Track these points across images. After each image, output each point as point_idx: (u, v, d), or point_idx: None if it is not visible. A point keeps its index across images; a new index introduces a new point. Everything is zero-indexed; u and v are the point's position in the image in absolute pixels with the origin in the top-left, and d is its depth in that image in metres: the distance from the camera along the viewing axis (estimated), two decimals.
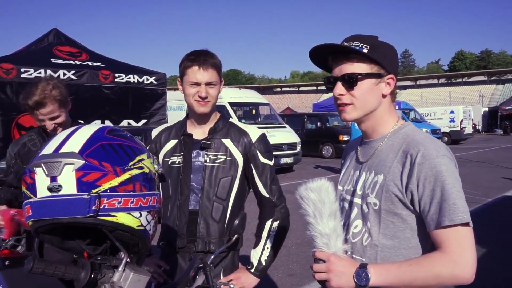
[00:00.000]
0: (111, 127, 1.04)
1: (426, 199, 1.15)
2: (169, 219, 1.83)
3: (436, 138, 1.29)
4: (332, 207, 1.19)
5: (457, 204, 1.11)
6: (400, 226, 1.22)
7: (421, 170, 1.16)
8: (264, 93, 65.27)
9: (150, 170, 1.01)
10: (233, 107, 12.52)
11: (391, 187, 1.21)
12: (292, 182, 10.54)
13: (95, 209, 0.88)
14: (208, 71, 1.75)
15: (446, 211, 1.11)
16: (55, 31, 9.12)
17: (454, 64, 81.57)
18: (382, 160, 1.28)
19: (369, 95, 1.26)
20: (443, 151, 1.19)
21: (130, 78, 8.69)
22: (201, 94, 1.76)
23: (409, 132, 1.28)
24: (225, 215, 1.81)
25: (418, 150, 1.18)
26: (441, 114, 24.48)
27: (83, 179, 0.89)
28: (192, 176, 1.81)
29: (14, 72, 7.29)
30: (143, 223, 0.98)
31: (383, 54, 1.26)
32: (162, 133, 1.94)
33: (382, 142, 1.31)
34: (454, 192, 1.12)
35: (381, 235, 1.24)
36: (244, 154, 1.84)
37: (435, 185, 1.14)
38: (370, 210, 1.26)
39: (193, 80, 1.76)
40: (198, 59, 1.75)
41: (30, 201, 0.90)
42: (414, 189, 1.17)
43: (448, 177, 1.13)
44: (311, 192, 1.20)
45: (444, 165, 1.15)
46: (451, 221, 1.10)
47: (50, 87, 2.09)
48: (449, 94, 47.80)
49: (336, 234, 1.19)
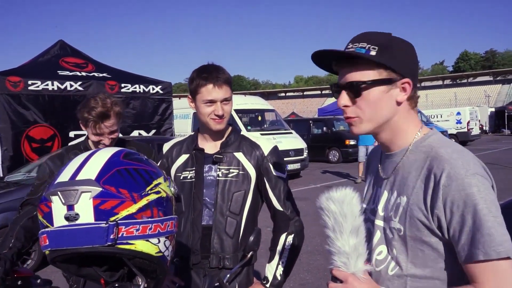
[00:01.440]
0: (127, 150, 1.02)
1: (456, 227, 0.98)
2: (183, 234, 1.81)
3: (467, 150, 1.07)
4: (355, 222, 1.07)
5: (493, 234, 0.92)
6: (431, 254, 1.05)
7: (447, 193, 0.98)
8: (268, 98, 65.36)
9: (167, 194, 0.99)
10: (238, 114, 12.52)
11: (416, 212, 1.04)
12: (299, 189, 10.50)
13: (113, 238, 0.86)
14: (222, 88, 1.74)
15: (480, 243, 0.93)
16: (61, 42, 9.19)
17: (459, 65, 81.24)
18: (404, 178, 1.10)
19: (378, 105, 1.08)
20: (473, 168, 0.99)
21: (136, 88, 8.72)
22: (218, 112, 1.75)
23: (434, 144, 1.07)
24: (239, 230, 1.79)
25: (443, 168, 1.00)
26: (447, 115, 24.31)
27: (100, 207, 0.87)
28: (204, 191, 1.80)
29: (21, 85, 7.34)
30: (162, 249, 0.96)
31: (394, 55, 1.05)
32: (174, 147, 1.93)
33: (403, 156, 1.11)
34: (489, 220, 0.93)
35: (410, 264, 1.08)
36: (256, 167, 1.82)
37: (465, 211, 0.96)
38: (395, 236, 1.10)
39: (208, 98, 1.74)
40: (211, 77, 1.73)
41: (47, 231, 0.88)
42: (441, 214, 0.99)
43: (481, 200, 0.95)
44: (333, 203, 1.08)
45: (475, 186, 0.96)
46: (486, 255, 0.92)
47: (110, 101, 2.09)
48: (455, 95, 47.57)
49: (357, 254, 1.06)
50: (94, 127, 2.06)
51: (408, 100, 1.09)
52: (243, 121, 12.58)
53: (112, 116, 2.07)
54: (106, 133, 2.09)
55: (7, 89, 7.20)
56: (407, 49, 1.09)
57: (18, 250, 1.88)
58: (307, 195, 9.34)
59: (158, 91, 9.08)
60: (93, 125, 2.06)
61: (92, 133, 2.10)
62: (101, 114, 2.03)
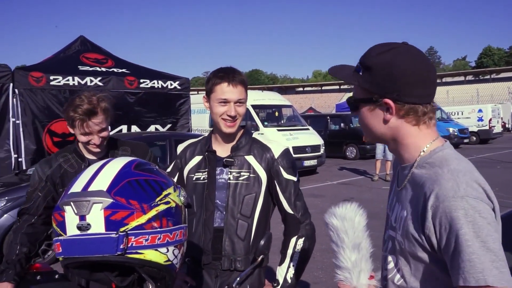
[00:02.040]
0: (138, 161, 1.05)
1: (444, 248, 0.97)
2: (195, 235, 1.84)
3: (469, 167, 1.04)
4: (356, 239, 1.09)
5: (473, 260, 0.89)
6: (428, 270, 1.05)
7: (435, 215, 0.97)
8: (286, 93, 65.20)
9: (176, 204, 1.02)
10: (255, 109, 12.54)
11: (410, 228, 1.05)
12: (315, 185, 10.49)
13: (123, 248, 0.90)
14: (237, 88, 1.75)
15: (460, 269, 0.92)
16: (82, 38, 9.33)
17: (481, 61, 79.42)
18: (407, 193, 1.11)
19: (367, 121, 1.14)
20: (464, 191, 0.95)
21: (154, 83, 8.81)
22: (230, 113, 1.75)
23: (437, 161, 1.06)
24: (250, 232, 1.81)
25: (433, 189, 0.99)
26: (468, 113, 23.81)
27: (111, 217, 0.90)
28: (216, 193, 1.82)
29: (43, 80, 7.51)
30: (170, 258, 0.98)
31: (373, 76, 1.07)
32: (188, 148, 1.95)
33: (410, 170, 1.11)
34: (472, 245, 0.90)
35: (413, 278, 1.08)
36: (267, 170, 1.83)
37: (450, 235, 0.94)
38: (399, 248, 1.11)
39: (222, 97, 1.74)
40: (227, 76, 1.74)
41: (60, 239, 0.92)
42: (432, 235, 0.99)
43: (466, 225, 0.92)
44: (335, 219, 1.12)
45: (462, 209, 0.93)
46: (465, 281, 0.91)
47: (96, 97, 2.01)
48: (477, 92, 46.51)
49: (359, 269, 1.09)
50: (82, 126, 1.97)
51: (403, 118, 1.08)
52: (260, 117, 12.60)
53: (99, 112, 1.98)
54: (95, 131, 2.00)
55: (30, 84, 7.37)
56: (398, 63, 1.05)
57: (25, 255, 1.91)
58: (324, 192, 9.32)
59: (176, 86, 9.16)
60: (80, 124, 1.96)
61: (80, 133, 2.00)
62: (87, 111, 1.95)
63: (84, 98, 1.99)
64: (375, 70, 1.07)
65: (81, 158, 2.14)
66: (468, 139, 21.40)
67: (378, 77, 1.06)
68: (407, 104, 1.06)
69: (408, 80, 1.04)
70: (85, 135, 2.01)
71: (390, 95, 1.06)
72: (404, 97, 1.05)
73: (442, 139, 1.12)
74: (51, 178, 2.07)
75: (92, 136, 2.02)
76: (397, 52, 1.06)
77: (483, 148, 20.23)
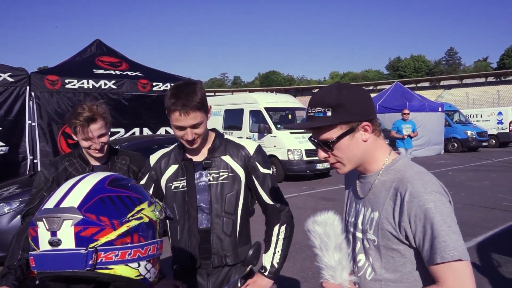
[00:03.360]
0: (114, 176, 1.07)
1: (420, 236, 1.17)
2: (180, 242, 1.89)
3: (427, 172, 1.27)
4: (338, 240, 1.24)
5: (447, 241, 1.12)
6: (400, 260, 1.25)
7: (411, 208, 1.18)
8: (303, 94, 64.96)
9: (150, 219, 1.04)
10: (269, 112, 12.54)
11: (385, 225, 1.24)
12: (328, 188, 10.42)
13: (92, 263, 0.92)
14: (189, 115, 1.71)
15: (437, 249, 1.13)
16: (97, 41, 9.50)
17: (503, 62, 77.54)
18: (376, 196, 1.30)
19: (349, 149, 1.29)
20: (431, 187, 1.19)
21: (167, 86, 8.88)
22: (187, 137, 1.77)
23: (400, 167, 1.28)
24: (235, 228, 1.89)
25: (406, 188, 1.20)
26: (487, 115, 23.34)
27: (81, 234, 0.92)
28: (198, 196, 1.87)
29: (59, 83, 7.67)
30: (142, 273, 1.00)
31: (346, 109, 1.24)
32: (161, 159, 1.98)
33: (376, 178, 1.32)
34: (443, 229, 1.13)
35: (383, 270, 1.27)
36: (244, 167, 1.91)
37: (425, 223, 1.16)
38: (371, 246, 1.29)
39: (176, 124, 1.75)
40: (178, 103, 1.70)
41: (33, 254, 0.95)
42: (407, 226, 1.19)
43: (437, 213, 1.15)
44: (317, 226, 1.26)
45: (432, 202, 1.16)
46: (442, 258, 1.12)
47: (96, 106, 2.18)
48: (498, 94, 45.49)
49: (342, 266, 1.24)
50: (82, 132, 2.14)
51: (373, 132, 1.30)
52: (273, 120, 12.58)
53: (98, 119, 2.16)
54: (95, 136, 2.16)
55: (46, 87, 7.54)
56: (354, 94, 1.28)
57: (26, 260, 1.94)
58: (335, 196, 9.25)
59: None
60: (81, 130, 2.13)
61: (82, 138, 2.17)
62: (87, 118, 2.12)
63: (85, 106, 2.18)
64: (348, 103, 1.25)
65: (86, 163, 2.29)
66: (487, 142, 20.98)
67: (353, 108, 1.25)
68: (374, 120, 1.30)
69: (368, 102, 1.30)
70: (86, 140, 2.18)
71: (365, 118, 1.27)
72: (371, 116, 1.29)
73: (394, 151, 1.36)
74: (57, 179, 2.21)
75: (93, 142, 2.18)
76: (347, 87, 1.29)
77: (503, 152, 19.80)
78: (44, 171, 2.26)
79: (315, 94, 1.33)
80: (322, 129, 1.28)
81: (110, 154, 2.36)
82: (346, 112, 1.25)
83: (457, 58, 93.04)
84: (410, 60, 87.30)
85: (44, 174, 2.24)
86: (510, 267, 4.82)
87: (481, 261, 5.06)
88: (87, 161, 2.28)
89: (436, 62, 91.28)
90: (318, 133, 1.29)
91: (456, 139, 20.18)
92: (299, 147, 11.40)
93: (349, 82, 10.28)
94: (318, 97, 1.29)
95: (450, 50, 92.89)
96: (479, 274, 4.60)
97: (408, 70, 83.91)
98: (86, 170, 2.24)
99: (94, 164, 2.29)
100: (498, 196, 8.97)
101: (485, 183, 10.88)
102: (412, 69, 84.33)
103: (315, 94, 1.33)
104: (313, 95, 1.33)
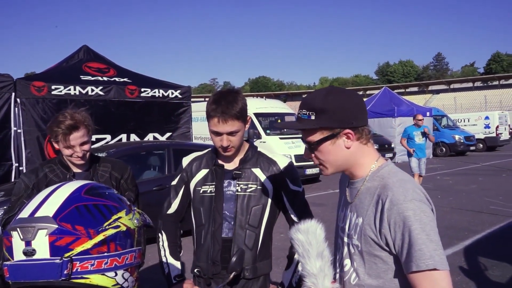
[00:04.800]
0: (91, 185, 1.06)
1: (399, 243, 1.18)
2: (203, 246, 1.90)
3: (411, 178, 1.28)
4: (319, 248, 1.25)
5: (423, 250, 1.12)
6: (382, 267, 1.25)
7: (390, 216, 1.18)
8: (293, 99, 65.20)
9: (128, 228, 1.03)
10: (258, 117, 12.57)
11: (368, 231, 1.25)
12: (317, 194, 10.43)
13: (67, 273, 0.90)
14: (227, 123, 1.75)
15: (413, 257, 1.13)
16: (85, 47, 9.43)
17: (490, 67, 78.81)
18: (361, 202, 1.30)
19: (330, 154, 1.31)
20: (411, 195, 1.18)
21: (155, 92, 8.86)
22: (222, 143, 1.79)
23: (385, 174, 1.29)
24: (257, 242, 1.88)
25: (387, 195, 1.20)
26: (475, 120, 23.63)
27: (56, 243, 0.91)
28: (224, 205, 1.88)
29: (45, 90, 7.59)
30: (119, 282, 0.99)
31: (329, 115, 1.26)
32: (193, 162, 1.99)
33: (362, 184, 1.32)
34: (421, 238, 1.13)
35: (366, 276, 1.27)
36: (274, 182, 1.89)
37: (404, 230, 1.16)
38: (356, 251, 1.29)
39: (213, 129, 1.79)
40: (218, 110, 1.74)
41: (7, 264, 0.93)
42: (387, 233, 1.20)
43: (415, 222, 1.15)
44: (300, 234, 1.27)
45: (411, 210, 1.16)
46: (417, 267, 1.12)
47: (78, 114, 2.17)
48: (485, 98, 46.14)
49: (323, 274, 1.25)
50: (64, 140, 2.12)
51: (358, 140, 1.30)
52: (263, 125, 12.61)
53: (81, 127, 2.15)
54: (77, 144, 2.15)
55: (32, 93, 7.45)
56: (341, 101, 1.28)
57: None
58: (325, 201, 9.26)
59: (177, 95, 9.20)
60: (63, 138, 2.12)
61: (63, 146, 2.15)
62: (70, 126, 2.11)
63: (67, 114, 2.15)
64: (331, 109, 1.26)
65: (67, 169, 2.27)
66: (475, 147, 21.23)
67: (336, 115, 1.26)
68: (360, 127, 1.29)
69: (355, 109, 1.30)
70: (68, 148, 2.16)
71: (348, 125, 1.27)
72: (357, 123, 1.29)
73: (383, 157, 1.36)
74: (37, 185, 2.18)
75: (75, 149, 2.16)
76: (336, 92, 1.30)
77: (490, 156, 20.05)
78: (24, 178, 2.24)
79: (306, 96, 1.35)
80: (307, 131, 1.31)
81: (92, 161, 2.35)
82: (328, 118, 1.26)
83: (444, 63, 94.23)
84: (399, 65, 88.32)
85: (24, 181, 2.21)
86: (497, 270, 4.86)
87: (468, 264, 5.10)
88: (68, 167, 2.26)
89: (424, 67, 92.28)
90: (304, 133, 1.33)
91: (444, 143, 20.39)
92: (289, 152, 11.42)
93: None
94: (307, 99, 1.32)
95: (438, 55, 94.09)
96: (466, 277, 4.63)
97: (397, 75, 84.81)
98: (67, 176, 2.22)
99: (76, 171, 2.27)
100: (486, 200, 9.05)
101: (472, 187, 10.99)
102: (401, 74, 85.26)
103: (306, 96, 1.35)
104: (304, 97, 1.36)
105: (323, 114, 1.26)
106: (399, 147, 17.34)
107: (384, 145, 16.46)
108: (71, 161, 2.24)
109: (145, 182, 5.92)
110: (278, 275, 2.04)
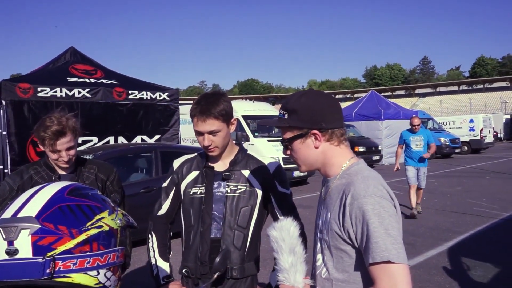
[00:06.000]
0: (74, 186, 1.07)
1: (359, 237, 1.23)
2: (192, 247, 1.92)
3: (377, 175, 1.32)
4: (292, 244, 1.30)
5: (379, 242, 1.16)
6: (348, 261, 1.30)
7: (351, 210, 1.24)
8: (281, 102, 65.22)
9: (110, 228, 1.04)
10: (246, 120, 12.59)
11: (333, 225, 1.30)
12: (305, 196, 10.50)
13: (49, 272, 0.92)
14: (206, 122, 1.78)
15: (369, 249, 1.18)
16: (72, 49, 9.35)
17: (475, 71, 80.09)
18: (331, 199, 1.36)
19: (301, 153, 1.39)
20: (372, 191, 1.23)
21: (143, 94, 8.82)
22: (204, 143, 1.83)
23: (352, 172, 1.34)
24: (245, 242, 1.91)
25: (349, 190, 1.26)
26: (460, 122, 24.02)
27: (38, 243, 0.92)
28: (213, 205, 1.90)
29: (31, 92, 7.50)
30: (102, 281, 1.01)
31: (298, 116, 1.34)
32: (184, 164, 2.02)
33: (333, 182, 1.38)
34: (378, 231, 1.18)
35: (334, 269, 1.33)
36: (263, 184, 1.93)
37: (363, 224, 1.21)
38: (325, 246, 1.35)
39: (195, 128, 1.83)
40: (200, 109, 1.79)
41: None
42: (349, 227, 1.24)
43: (373, 216, 1.20)
44: (274, 231, 1.33)
45: (370, 204, 1.21)
46: (373, 259, 1.17)
47: (65, 118, 2.14)
48: (470, 101, 46.86)
49: (295, 269, 1.29)
50: (51, 145, 2.11)
51: (328, 141, 1.36)
52: (251, 128, 12.63)
53: (68, 133, 2.13)
54: (64, 149, 2.14)
55: (17, 95, 7.35)
56: (313, 103, 1.35)
57: None
58: (313, 203, 9.32)
59: (165, 97, 9.17)
60: (50, 143, 2.11)
61: (50, 150, 2.14)
62: (56, 132, 2.09)
63: (54, 119, 2.13)
64: (300, 110, 1.34)
65: (52, 171, 2.27)
66: (460, 149, 21.55)
67: (304, 116, 1.34)
68: (330, 129, 1.35)
69: (326, 112, 1.35)
70: (54, 153, 2.15)
71: (316, 126, 1.34)
72: (327, 125, 1.34)
73: (357, 157, 1.40)
74: (22, 187, 2.17)
75: (61, 154, 2.16)
76: (310, 94, 1.37)
77: (474, 158, 20.36)
78: (9, 180, 2.24)
79: (287, 97, 1.45)
80: (283, 129, 1.41)
81: (78, 163, 2.35)
82: (297, 118, 1.35)
83: (431, 66, 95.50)
84: (386, 68, 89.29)
85: (9, 183, 2.21)
86: (479, 270, 4.95)
87: (452, 265, 5.18)
88: (54, 169, 2.26)
89: (411, 70, 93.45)
90: (282, 132, 1.43)
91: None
92: (276, 155, 11.44)
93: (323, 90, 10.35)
94: (286, 100, 1.42)
95: (424, 59, 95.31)
96: (450, 277, 4.71)
97: (384, 78, 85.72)
98: (53, 178, 2.23)
99: (61, 173, 2.27)
100: (470, 202, 9.20)
101: (457, 189, 11.16)
102: (388, 77, 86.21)
103: (287, 97, 1.45)
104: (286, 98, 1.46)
105: (294, 114, 1.35)
106: (386, 149, 17.65)
107: (371, 148, 16.57)
108: (57, 164, 2.24)
109: (132, 185, 5.90)
110: (266, 277, 2.06)
